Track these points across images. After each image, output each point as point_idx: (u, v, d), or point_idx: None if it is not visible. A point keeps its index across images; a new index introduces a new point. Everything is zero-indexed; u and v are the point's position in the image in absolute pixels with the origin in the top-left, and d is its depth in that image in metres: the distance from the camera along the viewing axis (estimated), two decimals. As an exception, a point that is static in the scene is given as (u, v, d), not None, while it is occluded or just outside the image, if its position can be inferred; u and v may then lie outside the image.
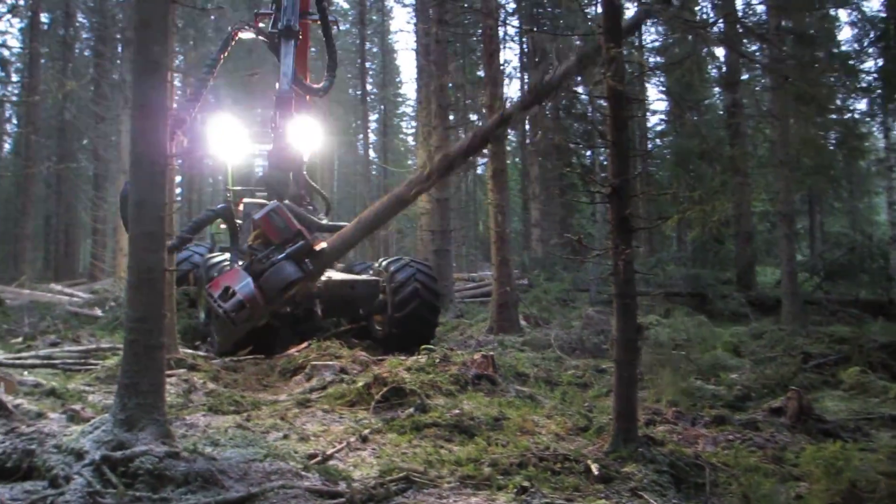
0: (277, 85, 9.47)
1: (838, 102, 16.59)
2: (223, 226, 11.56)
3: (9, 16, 24.24)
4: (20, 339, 11.48)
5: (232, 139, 11.70)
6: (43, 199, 33.19)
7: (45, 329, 12.62)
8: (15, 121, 34.87)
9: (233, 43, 9.79)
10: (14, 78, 31.98)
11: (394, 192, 9.40)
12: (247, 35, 9.90)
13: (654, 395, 7.44)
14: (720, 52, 19.20)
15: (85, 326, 13.30)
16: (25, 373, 8.42)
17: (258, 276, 8.20)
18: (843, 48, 19.20)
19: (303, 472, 4.98)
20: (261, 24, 10.36)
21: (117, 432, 4.88)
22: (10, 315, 13.68)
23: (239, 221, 10.19)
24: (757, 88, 19.49)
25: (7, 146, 37.99)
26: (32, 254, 29.98)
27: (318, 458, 5.39)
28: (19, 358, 9.36)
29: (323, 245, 8.93)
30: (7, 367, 8.46)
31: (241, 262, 8.74)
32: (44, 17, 30.44)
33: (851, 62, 18.25)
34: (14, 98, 26.04)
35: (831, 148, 17.99)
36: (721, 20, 8.56)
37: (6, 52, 30.38)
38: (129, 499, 4.25)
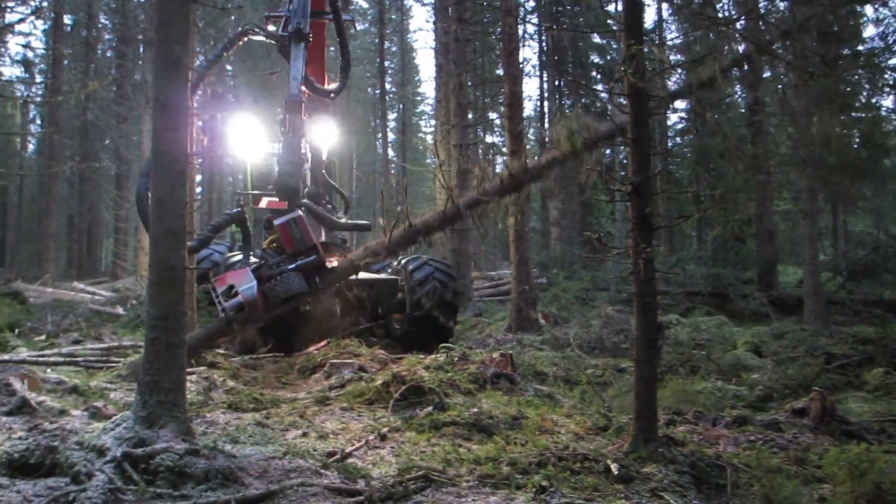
0: (287, 88, 9.44)
1: (863, 100, 16.34)
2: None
3: (32, 17, 24.52)
4: (43, 337, 11.63)
5: (252, 139, 11.76)
6: (66, 198, 33.63)
7: (68, 327, 12.78)
8: (39, 121, 35.33)
9: (239, 44, 9.79)
10: (38, 79, 32.38)
11: (369, 247, 9.77)
12: (257, 38, 9.90)
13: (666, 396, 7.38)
14: (742, 48, 18.99)
15: (107, 324, 13.45)
16: (48, 370, 8.52)
17: (264, 282, 8.22)
18: (869, 45, 18.91)
19: (322, 470, 4.99)
20: (271, 27, 10.34)
21: (138, 429, 4.92)
22: (34, 313, 13.86)
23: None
24: (779, 86, 19.27)
25: (31, 146, 38.57)
26: (56, 252, 30.36)
27: (337, 456, 5.40)
28: (43, 355, 9.47)
29: (334, 263, 8.95)
30: (31, 365, 8.57)
31: (251, 264, 8.76)
32: (67, 19, 30.85)
33: (877, 59, 17.98)
34: (38, 99, 26.35)
35: (855, 146, 17.74)
36: (743, 17, 8.47)
37: (30, 54, 30.82)
38: (149, 495, 4.28)
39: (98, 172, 31.22)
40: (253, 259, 9.03)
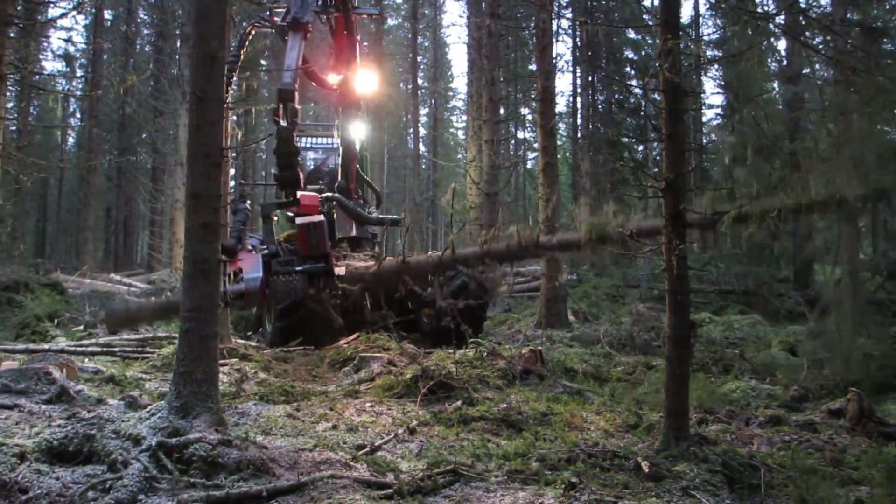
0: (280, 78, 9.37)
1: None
2: (275, 218, 11.71)
3: (74, 13, 24.98)
4: (81, 328, 11.85)
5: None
6: (104, 191, 34.20)
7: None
8: (79, 115, 35.98)
9: (249, 38, 9.81)
10: (78, 73, 32.96)
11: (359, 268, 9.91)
12: (263, 30, 9.92)
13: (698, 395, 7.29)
14: (781, 44, 18.66)
15: (143, 315, 13.63)
16: (86, 360, 8.70)
17: (270, 274, 8.29)
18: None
19: (351, 463, 5.03)
20: (276, 19, 10.32)
21: (172, 419, 5.00)
22: (73, 304, 14.13)
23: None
24: (819, 82, 18.90)
25: (71, 140, 39.29)
26: (94, 244, 30.95)
27: (367, 449, 5.43)
28: (81, 345, 9.68)
29: (342, 271, 8.98)
30: (69, 354, 8.75)
31: (264, 252, 8.81)
32: (107, 14, 31.40)
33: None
34: (78, 93, 26.87)
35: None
36: (784, 11, 8.32)
37: (71, 48, 31.36)
38: (183, 484, 4.35)
39: (135, 166, 31.73)
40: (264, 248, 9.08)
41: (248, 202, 9.99)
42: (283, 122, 8.78)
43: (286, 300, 8.60)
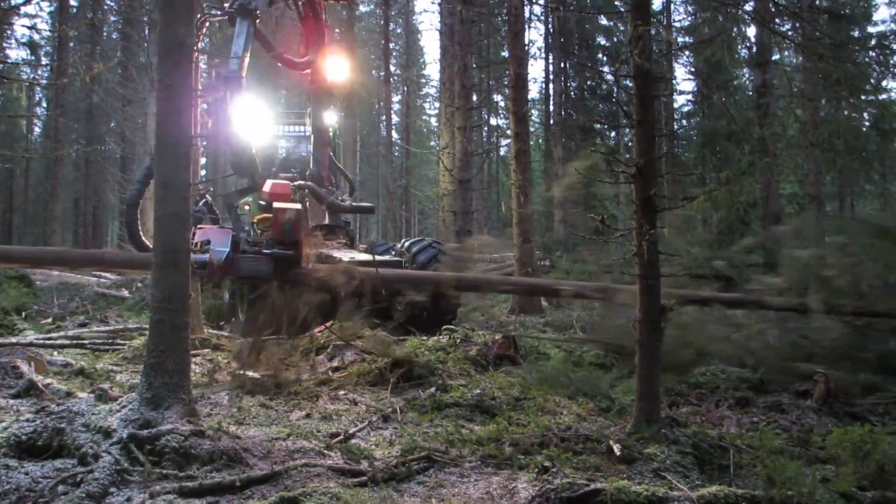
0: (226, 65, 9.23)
1: (872, 83, 16.22)
2: (246, 206, 11.62)
3: (37, -1, 24.43)
4: (50, 320, 11.68)
5: (256, 120, 11.72)
6: (71, 181, 33.65)
7: (74, 310, 12.83)
8: (45, 104, 35.32)
9: (205, 28, 9.65)
10: (44, 61, 32.32)
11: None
12: (218, 17, 9.74)
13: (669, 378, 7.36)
14: (751, 31, 18.83)
15: (112, 307, 13.50)
16: (55, 353, 8.57)
17: (236, 251, 8.26)
18: (879, 27, 18.75)
19: (325, 451, 5.02)
20: (226, 5, 10.13)
21: (144, 411, 4.95)
22: (40, 296, 13.91)
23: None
24: (788, 69, 19.13)
25: (37, 129, 38.56)
26: (61, 236, 30.47)
27: (341, 437, 5.43)
28: (49, 338, 9.53)
29: (310, 264, 8.94)
30: (37, 348, 8.62)
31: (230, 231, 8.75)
32: (72, 0, 30.74)
33: (887, 42, 17.83)
34: (43, 81, 26.35)
35: (864, 129, 17.63)
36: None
37: (36, 36, 30.73)
38: (155, 476, 4.32)
39: (103, 155, 31.24)
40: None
41: (204, 202, 9.90)
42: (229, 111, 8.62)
43: (248, 279, 8.58)
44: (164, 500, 3.99)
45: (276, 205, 8.89)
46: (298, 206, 9.08)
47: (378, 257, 11.53)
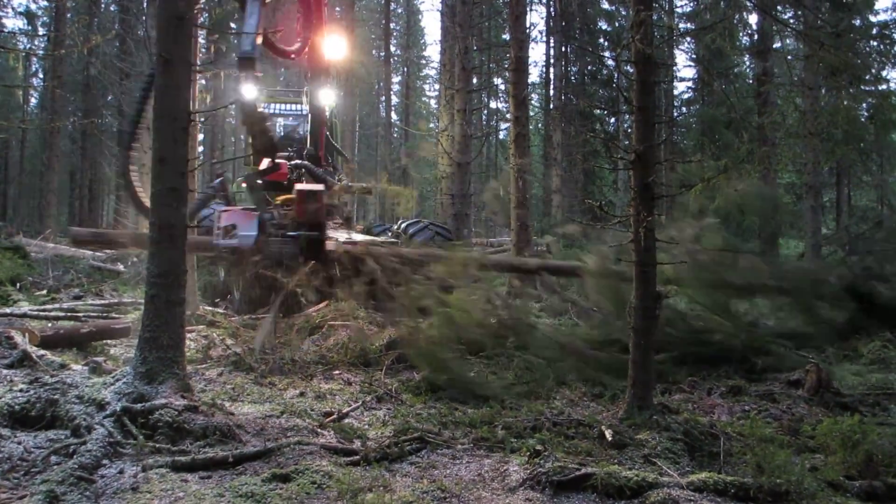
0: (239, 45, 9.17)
1: (873, 72, 16.17)
2: (244, 185, 11.59)
3: (35, -31, 24.15)
4: (44, 292, 11.66)
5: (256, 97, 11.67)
6: (68, 154, 33.44)
7: (69, 283, 12.80)
8: (41, 75, 35.04)
9: (202, 2, 9.57)
10: (40, 31, 31.98)
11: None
12: None
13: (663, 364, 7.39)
14: (752, 18, 18.74)
15: (108, 281, 13.47)
16: (49, 325, 8.56)
17: (265, 234, 8.27)
18: (881, 16, 18.65)
19: (318, 430, 5.05)
20: None
21: (138, 385, 4.96)
22: (35, 268, 13.87)
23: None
24: (789, 57, 19.05)
25: (33, 101, 38.27)
26: (57, 208, 30.28)
27: (334, 417, 5.45)
28: (44, 310, 9.52)
29: (332, 246, 8.95)
30: (32, 319, 8.61)
31: (256, 213, 8.75)
32: (69, -29, 30.34)
33: (888, 31, 17.74)
34: (40, 52, 26.09)
35: (863, 119, 17.58)
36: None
37: (32, 6, 30.40)
38: (148, 450, 4.34)
39: (100, 129, 30.99)
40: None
41: (220, 179, 9.87)
42: (246, 93, 8.59)
43: (277, 262, 8.59)
44: (157, 474, 4.01)
45: (298, 186, 8.90)
46: (321, 187, 9.08)
47: (374, 238, 11.55)
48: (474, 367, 7.05)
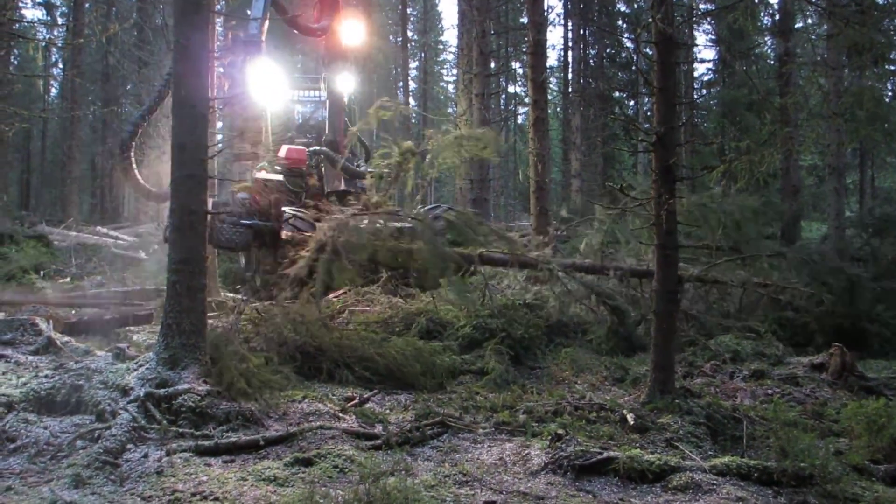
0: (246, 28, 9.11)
1: (898, 52, 15.86)
2: (264, 172, 11.59)
3: (53, -42, 24.25)
4: (68, 280, 11.79)
5: (272, 85, 11.68)
6: (89, 143, 33.71)
7: (92, 270, 12.94)
8: (61, 65, 35.26)
9: None
10: (59, 21, 32.18)
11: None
12: None
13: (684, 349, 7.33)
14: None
15: (129, 268, 13.60)
16: (73, 311, 8.66)
17: (217, 221, 8.29)
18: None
19: (340, 414, 5.07)
20: None
21: (161, 370, 5.01)
22: (58, 256, 14.03)
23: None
24: (812, 37, 18.74)
25: (54, 90, 38.56)
26: (79, 197, 30.58)
27: (356, 401, 5.47)
28: (67, 297, 9.62)
29: (287, 236, 8.94)
30: (55, 306, 8.71)
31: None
32: (87, -40, 30.42)
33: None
34: (59, 42, 26.25)
35: (887, 100, 17.29)
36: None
37: (51, -4, 30.52)
38: (172, 434, 4.38)
39: (120, 118, 31.19)
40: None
41: None
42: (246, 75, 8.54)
43: (227, 248, 8.65)
44: (181, 458, 4.04)
45: (255, 175, 8.89)
46: (280, 176, 9.05)
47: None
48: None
